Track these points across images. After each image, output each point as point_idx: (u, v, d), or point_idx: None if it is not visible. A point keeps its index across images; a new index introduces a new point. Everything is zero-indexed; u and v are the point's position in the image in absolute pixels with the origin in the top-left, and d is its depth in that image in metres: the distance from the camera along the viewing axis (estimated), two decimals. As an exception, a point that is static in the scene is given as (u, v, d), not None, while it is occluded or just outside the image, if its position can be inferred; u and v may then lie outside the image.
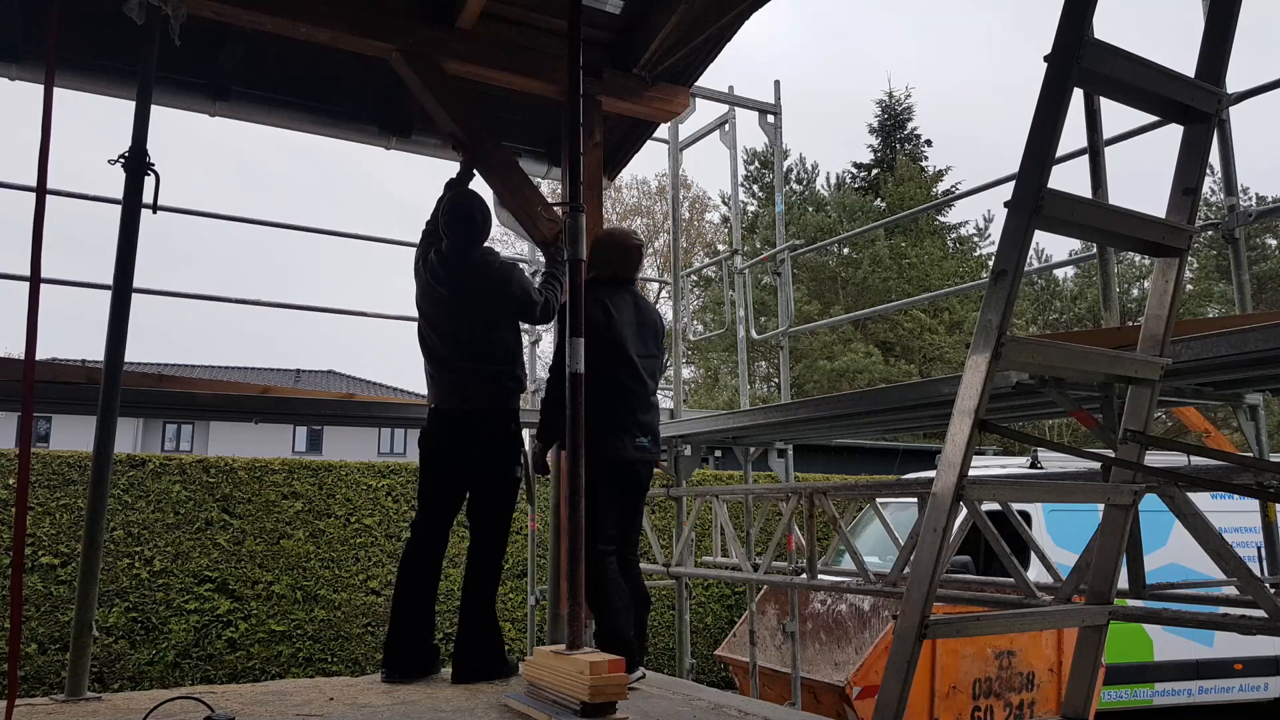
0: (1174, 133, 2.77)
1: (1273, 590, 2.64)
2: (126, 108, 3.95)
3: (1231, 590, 3.06)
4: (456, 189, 4.32)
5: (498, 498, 4.04)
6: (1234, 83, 2.95)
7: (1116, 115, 2.99)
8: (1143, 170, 8.22)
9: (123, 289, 3.79)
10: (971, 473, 2.22)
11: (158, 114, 3.98)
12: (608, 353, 3.87)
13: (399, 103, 4.95)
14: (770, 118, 6.48)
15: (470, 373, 3.99)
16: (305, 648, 7.98)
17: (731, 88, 6.40)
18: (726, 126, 6.50)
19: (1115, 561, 2.65)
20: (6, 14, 4.09)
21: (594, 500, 3.84)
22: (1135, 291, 29.45)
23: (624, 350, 3.95)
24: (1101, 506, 2.70)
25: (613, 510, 3.94)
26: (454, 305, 4.03)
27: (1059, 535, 7.38)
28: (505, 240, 27.26)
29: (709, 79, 5.42)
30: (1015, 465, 8.54)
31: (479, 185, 4.55)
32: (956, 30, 56.49)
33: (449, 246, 4.10)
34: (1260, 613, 2.47)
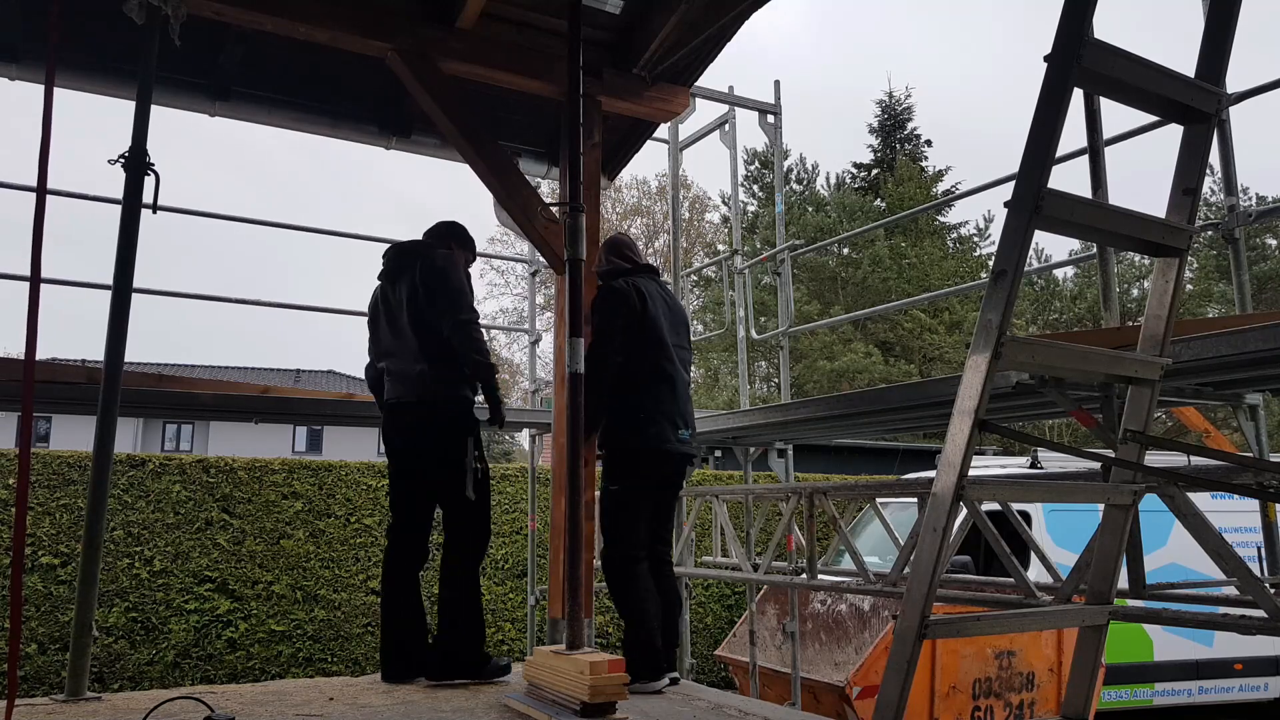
0: (1174, 133, 2.77)
1: (1273, 590, 2.64)
2: (126, 107, 3.95)
3: (1231, 590, 3.06)
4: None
5: (451, 489, 3.88)
6: (1234, 83, 2.95)
7: (1116, 115, 3.00)
8: (1143, 170, 8.22)
9: (123, 289, 3.78)
10: (971, 473, 2.22)
11: (160, 109, 3.98)
12: (646, 337, 3.85)
13: (399, 103, 4.95)
14: (770, 118, 6.48)
15: (410, 363, 3.90)
16: (305, 648, 7.98)
17: (732, 88, 6.39)
18: (726, 126, 6.50)
19: (1115, 561, 2.65)
20: (6, 14, 4.10)
21: (629, 501, 3.81)
22: (1135, 291, 29.45)
23: (660, 335, 3.91)
24: (1101, 506, 2.70)
25: (647, 509, 3.88)
26: (396, 299, 3.97)
27: (1059, 535, 7.37)
28: (505, 240, 27.29)
29: (712, 78, 5.44)
30: (1015, 465, 8.53)
31: (477, 185, 4.56)
32: (966, 28, 56.56)
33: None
34: (1260, 613, 2.47)
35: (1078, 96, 2.52)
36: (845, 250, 30.73)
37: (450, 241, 4.18)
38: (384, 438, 4.05)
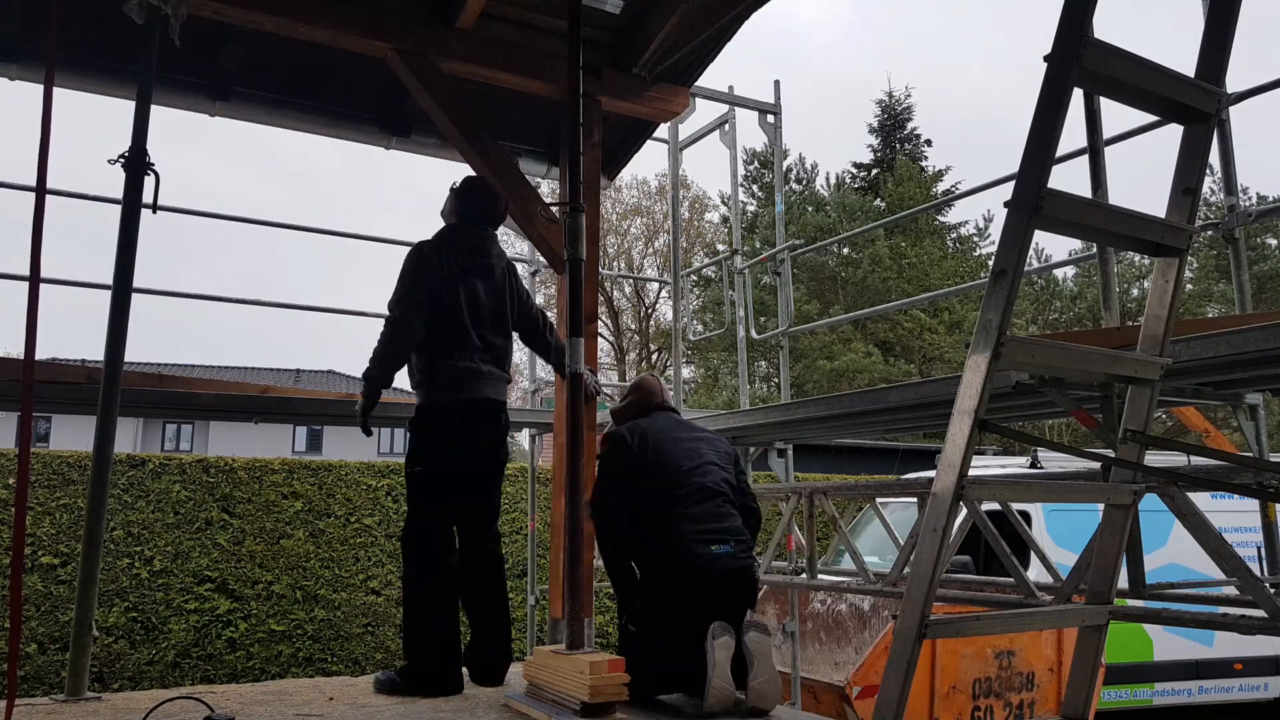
0: (1174, 132, 2.76)
1: (1273, 590, 2.64)
2: (128, 106, 3.96)
3: (1231, 590, 3.06)
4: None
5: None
6: (1234, 82, 2.95)
7: (1117, 115, 2.99)
8: (1143, 170, 8.22)
9: (123, 289, 3.79)
10: (971, 473, 2.22)
11: (161, 108, 3.98)
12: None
13: (399, 102, 4.95)
14: (770, 117, 6.47)
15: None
16: (305, 648, 7.98)
17: (731, 87, 6.39)
18: (726, 126, 6.50)
19: (1115, 561, 2.65)
20: (6, 14, 4.09)
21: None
22: (1135, 291, 29.44)
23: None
24: (1101, 506, 2.70)
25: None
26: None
27: (1059, 535, 7.37)
28: (505, 240, 27.28)
29: (731, 73, 5.42)
30: (1015, 465, 8.53)
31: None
32: (964, 28, 56.49)
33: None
34: (1260, 613, 2.47)
35: (1078, 96, 2.52)
36: (845, 250, 30.73)
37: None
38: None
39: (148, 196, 3.85)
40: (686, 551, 3.31)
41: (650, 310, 31.63)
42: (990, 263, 9.31)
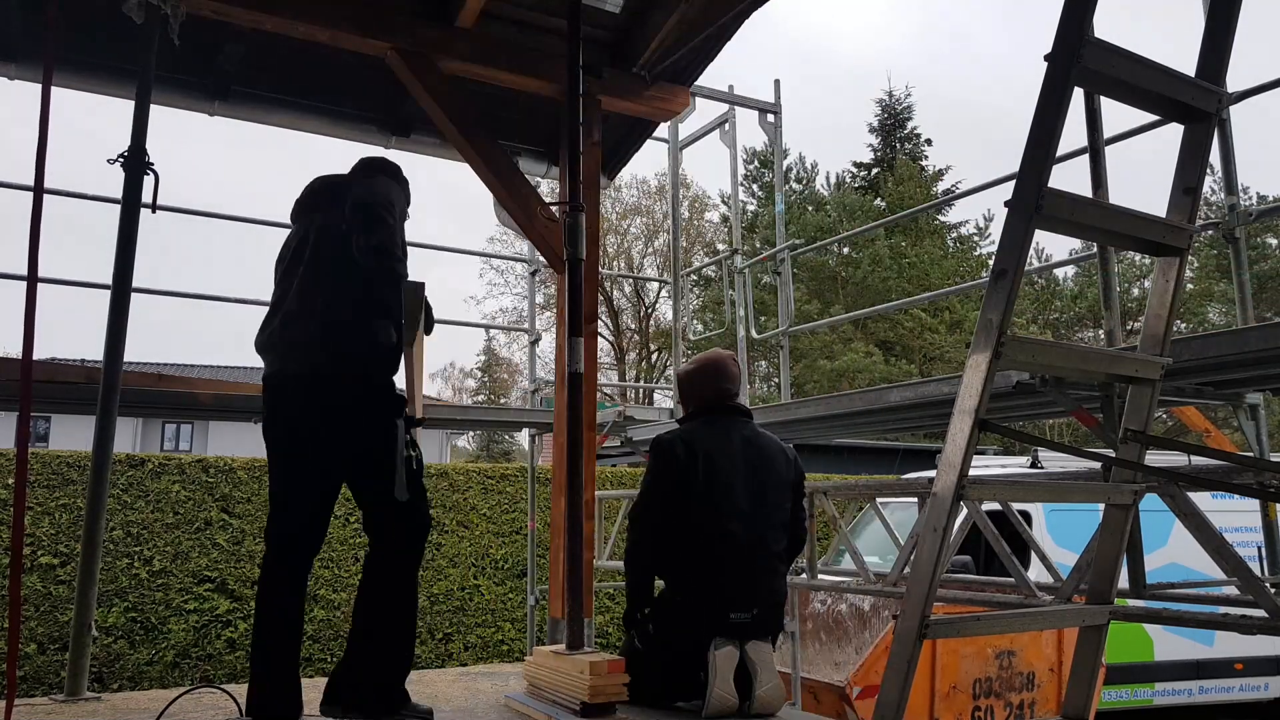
0: (1174, 132, 2.76)
1: (1273, 590, 2.64)
2: (128, 104, 3.95)
3: (1231, 590, 3.06)
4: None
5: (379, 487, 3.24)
6: (1235, 81, 2.94)
7: (1117, 114, 2.99)
8: (1143, 170, 8.22)
9: (122, 288, 3.78)
10: (971, 473, 2.21)
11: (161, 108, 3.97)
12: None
13: (399, 102, 4.94)
14: (770, 117, 6.48)
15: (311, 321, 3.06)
16: (305, 648, 7.97)
17: (731, 87, 6.40)
18: (726, 126, 6.50)
19: (1115, 561, 2.64)
20: (5, 13, 4.09)
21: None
22: (1135, 291, 29.43)
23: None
24: (1101, 506, 2.70)
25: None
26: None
27: (1059, 535, 7.37)
28: (505, 240, 27.30)
29: (745, 72, 5.41)
30: (1015, 465, 8.53)
31: (477, 184, 4.56)
32: (962, 29, 56.48)
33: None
34: (1260, 613, 2.47)
35: (1078, 96, 2.51)
36: (845, 250, 30.73)
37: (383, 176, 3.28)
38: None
39: (147, 196, 3.84)
40: (710, 604, 3.13)
41: (650, 310, 31.63)
42: (990, 262, 9.32)
